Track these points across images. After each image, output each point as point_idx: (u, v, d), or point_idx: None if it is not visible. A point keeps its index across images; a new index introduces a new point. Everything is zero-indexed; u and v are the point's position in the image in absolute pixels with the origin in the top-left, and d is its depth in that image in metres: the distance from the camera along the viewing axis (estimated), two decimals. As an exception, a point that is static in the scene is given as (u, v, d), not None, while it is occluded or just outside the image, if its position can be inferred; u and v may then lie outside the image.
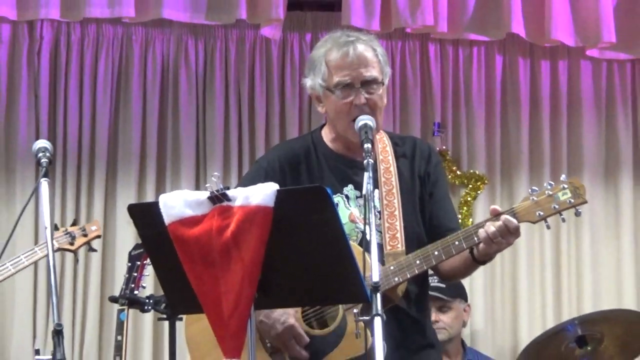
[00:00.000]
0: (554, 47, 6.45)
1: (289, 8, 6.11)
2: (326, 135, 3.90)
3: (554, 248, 6.55)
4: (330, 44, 3.79)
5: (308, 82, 3.84)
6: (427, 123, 6.56)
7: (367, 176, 3.38)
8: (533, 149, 6.63)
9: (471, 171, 6.56)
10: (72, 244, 4.74)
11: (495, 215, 3.58)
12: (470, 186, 6.52)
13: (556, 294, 6.53)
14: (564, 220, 3.70)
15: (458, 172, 6.46)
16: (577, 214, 3.66)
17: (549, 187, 3.65)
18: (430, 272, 3.86)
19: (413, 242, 3.70)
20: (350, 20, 5.84)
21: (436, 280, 4.96)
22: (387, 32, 6.01)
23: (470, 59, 6.63)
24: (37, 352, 5.99)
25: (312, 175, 3.82)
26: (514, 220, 3.56)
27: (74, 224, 4.98)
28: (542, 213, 3.62)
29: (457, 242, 3.62)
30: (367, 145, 3.51)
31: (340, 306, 3.64)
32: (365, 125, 3.59)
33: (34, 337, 6.17)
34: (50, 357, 3.40)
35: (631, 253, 6.61)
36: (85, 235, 4.90)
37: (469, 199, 6.48)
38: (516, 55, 6.64)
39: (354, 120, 3.67)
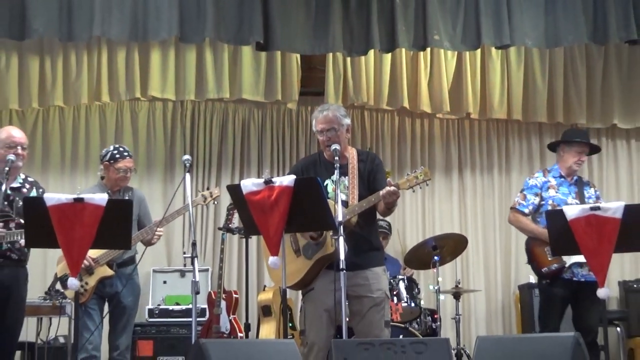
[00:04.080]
0: (422, 112, 6.42)
1: (300, 95, 6.14)
2: (323, 152, 3.81)
3: (421, 201, 6.52)
4: (317, 111, 3.78)
5: (313, 127, 3.80)
6: (364, 147, 6.49)
7: (336, 173, 3.46)
8: (412, 157, 6.58)
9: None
10: (204, 201, 4.55)
11: (390, 185, 3.52)
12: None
13: (422, 224, 6.52)
14: (420, 187, 3.62)
15: (378, 169, 6.43)
16: (427, 184, 3.59)
17: (414, 172, 3.60)
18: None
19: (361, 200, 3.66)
20: (328, 100, 5.92)
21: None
22: (346, 105, 6.01)
23: (384, 118, 6.59)
24: (184, 252, 6.02)
25: (316, 172, 3.72)
26: (395, 188, 3.49)
27: (208, 188, 4.67)
28: (410, 184, 3.57)
29: (373, 199, 3.56)
30: (336, 158, 3.54)
31: (325, 231, 3.60)
32: (335, 149, 3.59)
33: (183, 245, 6.16)
34: (190, 255, 3.42)
35: (457, 203, 6.57)
36: (211, 196, 4.48)
37: (383, 181, 6.46)
38: (404, 117, 6.60)
39: (328, 147, 3.67)
